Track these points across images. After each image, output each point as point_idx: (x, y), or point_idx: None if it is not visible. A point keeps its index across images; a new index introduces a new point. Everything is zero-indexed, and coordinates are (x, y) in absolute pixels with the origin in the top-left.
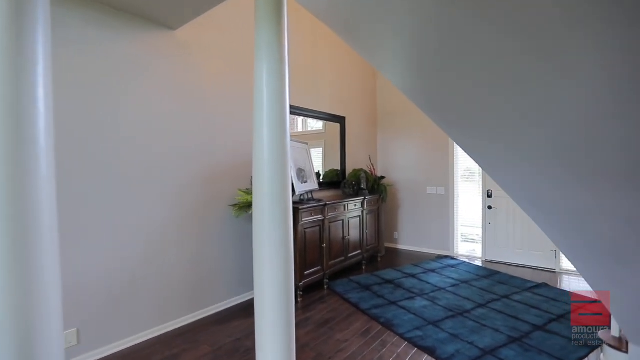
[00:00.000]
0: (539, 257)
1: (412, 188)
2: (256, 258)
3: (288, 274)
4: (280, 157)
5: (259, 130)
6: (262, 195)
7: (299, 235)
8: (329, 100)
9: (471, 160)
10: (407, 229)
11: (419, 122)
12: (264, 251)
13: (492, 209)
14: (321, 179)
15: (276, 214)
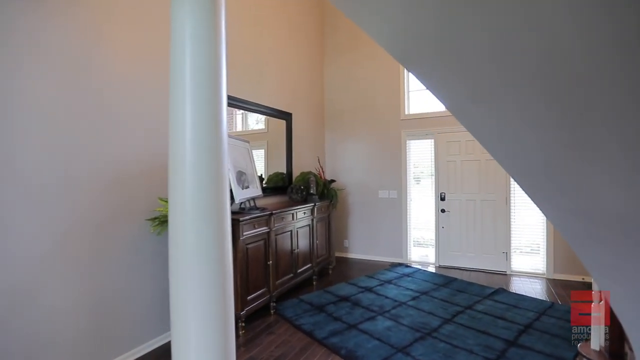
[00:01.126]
0: (491, 260)
1: (363, 192)
2: (176, 294)
3: (226, 309)
4: (212, 151)
5: (178, 109)
6: (184, 205)
7: (240, 253)
8: (274, 94)
9: (423, 162)
10: (358, 236)
11: (369, 121)
12: (187, 284)
13: (445, 212)
14: (264, 184)
15: (205, 230)
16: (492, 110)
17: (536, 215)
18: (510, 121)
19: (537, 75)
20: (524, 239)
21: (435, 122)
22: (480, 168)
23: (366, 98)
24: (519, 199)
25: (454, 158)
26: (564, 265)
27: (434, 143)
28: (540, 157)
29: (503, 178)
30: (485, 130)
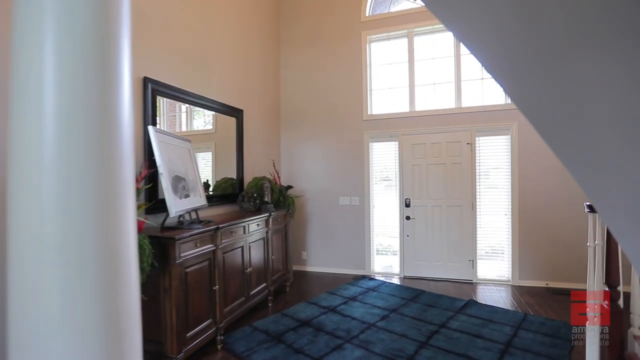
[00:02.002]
0: (457, 269)
1: (323, 199)
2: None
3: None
4: (104, 146)
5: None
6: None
7: (176, 281)
8: (223, 87)
9: (387, 166)
10: (318, 248)
11: (330, 122)
12: None
13: (410, 219)
14: (211, 192)
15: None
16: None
17: (501, 219)
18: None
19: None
20: (489, 244)
21: (399, 123)
22: (446, 172)
23: (326, 96)
24: (484, 204)
25: (419, 162)
26: (528, 271)
27: (398, 146)
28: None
29: (469, 182)
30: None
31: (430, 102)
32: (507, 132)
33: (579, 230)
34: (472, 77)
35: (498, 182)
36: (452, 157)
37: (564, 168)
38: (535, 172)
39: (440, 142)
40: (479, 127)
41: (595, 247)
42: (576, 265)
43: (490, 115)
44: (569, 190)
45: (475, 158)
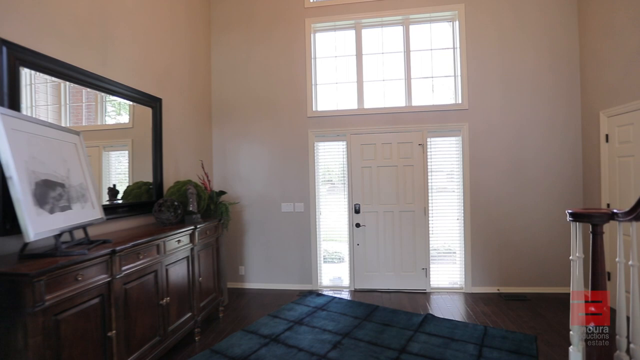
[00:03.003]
0: (411, 278)
1: (263, 206)
2: None
3: None
4: None
5: None
6: None
7: (38, 337)
8: (134, 69)
9: (335, 168)
10: (257, 262)
11: (270, 118)
12: None
13: (360, 226)
14: (119, 199)
15: None
16: None
17: (454, 224)
18: None
19: None
20: (442, 251)
21: (347, 121)
22: (398, 175)
23: (266, 89)
24: (437, 208)
25: (369, 163)
26: (481, 277)
27: (346, 146)
28: None
29: (422, 185)
30: None
31: (380, 100)
32: (458, 133)
33: (530, 234)
34: (422, 75)
35: (450, 185)
36: (404, 159)
37: (513, 170)
38: (486, 174)
39: (391, 143)
40: (431, 128)
41: (578, 260)
42: (527, 269)
43: (441, 116)
44: (519, 192)
45: (428, 160)
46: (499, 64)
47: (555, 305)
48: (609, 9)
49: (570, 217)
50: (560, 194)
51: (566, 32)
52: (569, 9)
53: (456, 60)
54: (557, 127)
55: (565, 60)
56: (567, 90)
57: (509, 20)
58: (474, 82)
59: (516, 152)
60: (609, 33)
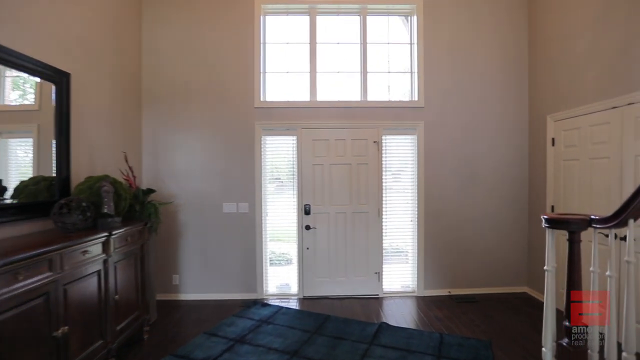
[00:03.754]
0: (363, 283)
1: (202, 205)
2: None
3: None
4: None
5: None
6: None
7: None
8: (33, 32)
9: (284, 165)
10: (195, 269)
11: (212, 106)
12: None
13: (311, 229)
14: (8, 198)
15: None
16: None
17: (407, 226)
18: None
19: None
20: (395, 254)
21: (298, 114)
22: (352, 173)
23: (208, 74)
24: (391, 209)
25: (322, 161)
26: (433, 279)
27: (296, 141)
28: None
29: (376, 185)
30: None
31: (334, 93)
32: (414, 131)
33: (479, 235)
34: (378, 70)
35: (405, 185)
36: (358, 157)
37: (465, 170)
38: (440, 174)
39: (344, 139)
40: (386, 125)
41: (553, 270)
42: (476, 270)
43: (397, 113)
44: (470, 193)
45: (383, 158)
46: (454, 62)
47: (502, 306)
48: (557, 15)
49: (545, 224)
50: (507, 194)
51: (516, 35)
52: (519, 11)
53: (413, 56)
54: (506, 128)
55: (514, 62)
56: (516, 92)
57: (464, 18)
58: (430, 80)
59: (468, 153)
60: (557, 39)
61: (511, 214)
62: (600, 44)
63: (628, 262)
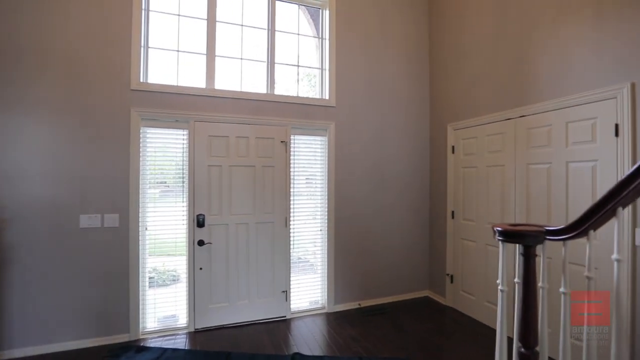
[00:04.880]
0: (269, 305)
1: (48, 219)
2: None
3: None
4: None
5: None
6: None
7: None
8: None
9: (170, 165)
10: (32, 310)
11: (68, 81)
12: None
13: (205, 244)
14: None
15: None
16: None
17: (316, 235)
18: None
19: None
20: (303, 267)
21: (191, 102)
22: (256, 177)
23: (63, 37)
24: (299, 218)
25: (220, 161)
26: (343, 292)
27: (188, 136)
28: None
29: (283, 191)
30: None
31: (237, 83)
32: (324, 132)
33: (388, 243)
34: (287, 61)
35: (314, 191)
36: (264, 158)
37: (377, 176)
38: (350, 179)
39: (248, 137)
40: (296, 123)
41: (516, 285)
42: (385, 279)
43: (307, 111)
44: (381, 199)
45: (291, 160)
46: (365, 63)
47: (410, 314)
48: (457, 28)
49: (499, 237)
50: (412, 200)
51: (419, 42)
52: (422, 19)
53: (324, 52)
54: (411, 134)
55: (418, 69)
56: (420, 99)
57: (374, 19)
58: (342, 79)
59: (378, 158)
60: (456, 51)
61: (414, 219)
62: (495, 61)
63: (588, 278)
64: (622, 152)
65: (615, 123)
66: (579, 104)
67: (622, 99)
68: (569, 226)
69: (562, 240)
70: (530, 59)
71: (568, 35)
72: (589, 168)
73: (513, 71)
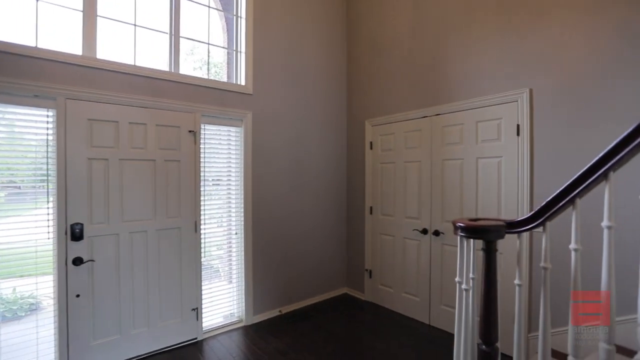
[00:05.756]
0: (175, 328)
1: None
2: None
3: None
4: None
5: None
6: None
7: None
8: None
9: (19, 156)
10: None
11: None
12: None
13: (85, 262)
14: None
15: None
16: None
17: (232, 240)
18: None
19: None
20: (217, 276)
21: (62, 73)
22: (157, 174)
23: None
24: (211, 220)
25: (106, 154)
26: (262, 300)
27: (56, 118)
28: None
29: (192, 190)
30: None
31: (129, 55)
32: (240, 123)
33: (308, 242)
34: (196, 37)
35: (229, 189)
36: (167, 151)
37: (297, 173)
38: (269, 176)
39: (146, 124)
40: (207, 110)
41: (472, 283)
42: (306, 281)
43: (220, 97)
44: (301, 197)
45: (201, 154)
46: (285, 51)
47: (334, 315)
48: (374, 24)
49: (462, 233)
50: (331, 197)
51: (337, 36)
52: (340, 11)
53: (240, 31)
54: (331, 129)
55: (337, 62)
56: (339, 93)
57: (294, 8)
58: (261, 64)
59: (299, 153)
60: (374, 47)
61: (333, 216)
62: (413, 59)
63: (544, 269)
64: (523, 149)
65: (517, 124)
66: (486, 105)
67: (522, 102)
68: (526, 219)
69: (518, 233)
70: (446, 60)
71: (478, 42)
72: (495, 163)
73: (430, 70)
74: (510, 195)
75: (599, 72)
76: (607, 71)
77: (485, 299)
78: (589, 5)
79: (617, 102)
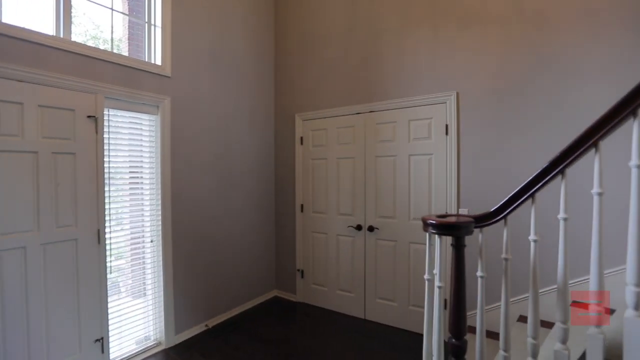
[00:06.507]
0: None
1: None
2: None
3: None
4: None
5: None
6: None
7: None
8: None
9: None
10: None
11: None
12: None
13: None
14: None
15: None
16: None
17: (146, 250)
18: None
19: None
20: (126, 295)
21: None
22: (41, 170)
23: None
24: (117, 227)
25: None
26: (185, 315)
27: None
28: None
29: (92, 189)
30: None
31: None
32: (156, 110)
33: (235, 245)
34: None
35: (141, 188)
36: (56, 140)
37: (223, 168)
38: (190, 172)
39: (22, 103)
40: (112, 92)
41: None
42: (233, 288)
43: (130, 76)
44: (227, 195)
45: (104, 146)
46: (212, 34)
47: (267, 322)
48: (304, 16)
49: (433, 230)
50: (259, 195)
51: (264, 26)
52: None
53: (154, 2)
54: (260, 122)
55: (265, 53)
56: (267, 85)
57: None
58: (182, 44)
59: (225, 147)
60: (304, 41)
61: (262, 215)
62: (347, 55)
63: (505, 260)
64: (451, 147)
65: (445, 124)
66: (418, 105)
67: (450, 104)
68: (490, 213)
69: (480, 227)
70: (380, 58)
71: (411, 44)
72: (426, 160)
73: (363, 67)
74: (440, 190)
75: (516, 76)
76: (521, 75)
77: (455, 294)
78: (502, 20)
79: (536, 103)
